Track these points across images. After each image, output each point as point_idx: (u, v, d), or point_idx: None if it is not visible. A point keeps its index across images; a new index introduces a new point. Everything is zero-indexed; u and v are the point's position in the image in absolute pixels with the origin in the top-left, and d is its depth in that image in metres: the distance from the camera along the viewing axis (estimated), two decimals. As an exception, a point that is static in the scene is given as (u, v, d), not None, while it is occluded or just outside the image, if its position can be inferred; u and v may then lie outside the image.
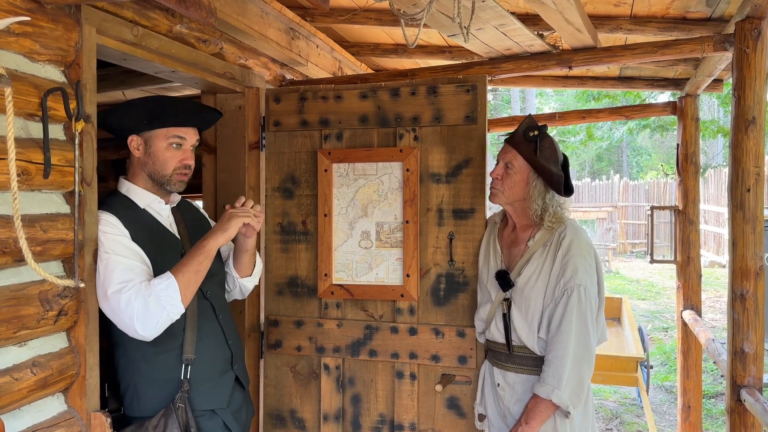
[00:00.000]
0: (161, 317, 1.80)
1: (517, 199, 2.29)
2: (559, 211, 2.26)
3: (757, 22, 2.45)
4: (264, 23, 2.66)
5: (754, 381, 2.48)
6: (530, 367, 2.23)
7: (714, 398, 5.93)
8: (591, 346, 2.14)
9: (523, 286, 2.23)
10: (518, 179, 2.26)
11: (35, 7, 1.59)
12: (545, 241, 2.25)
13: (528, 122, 2.29)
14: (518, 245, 2.32)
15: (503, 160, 2.29)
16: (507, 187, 2.28)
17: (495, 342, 2.32)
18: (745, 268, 2.52)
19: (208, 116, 2.16)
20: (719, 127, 9.79)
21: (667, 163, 20.55)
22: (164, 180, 2.00)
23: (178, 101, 2.10)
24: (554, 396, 2.08)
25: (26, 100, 1.57)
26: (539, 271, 2.22)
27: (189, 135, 2.03)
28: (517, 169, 2.26)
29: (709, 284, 10.78)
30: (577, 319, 2.12)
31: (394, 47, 3.84)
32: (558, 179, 2.23)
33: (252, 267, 2.26)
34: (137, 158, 2.01)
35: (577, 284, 2.14)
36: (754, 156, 2.50)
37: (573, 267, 2.16)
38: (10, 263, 1.55)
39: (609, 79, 4.33)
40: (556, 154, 2.26)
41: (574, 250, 2.18)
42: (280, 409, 2.74)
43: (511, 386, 2.26)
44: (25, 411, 1.64)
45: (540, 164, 2.22)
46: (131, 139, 1.99)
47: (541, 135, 2.24)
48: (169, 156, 1.99)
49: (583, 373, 2.12)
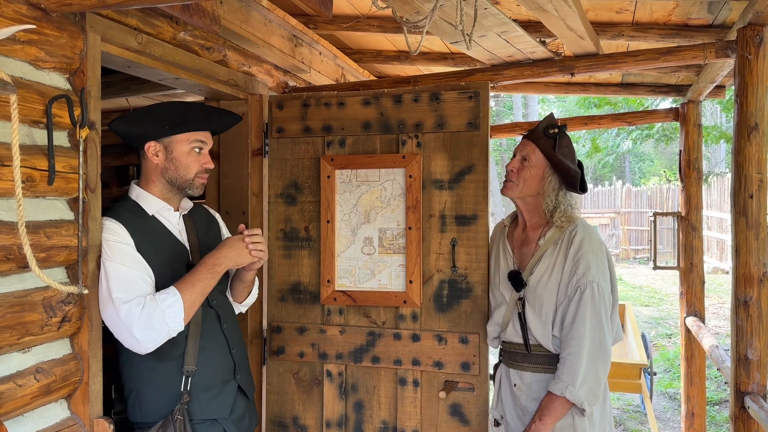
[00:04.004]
0: (162, 332, 1.81)
1: (531, 194, 2.29)
2: (569, 210, 2.26)
3: (759, 29, 2.45)
4: (267, 31, 2.67)
5: (758, 388, 2.48)
6: (546, 366, 2.22)
7: (718, 405, 5.90)
8: (606, 343, 2.12)
9: (536, 285, 2.23)
10: (534, 173, 2.26)
11: (40, 15, 1.60)
12: (556, 240, 2.24)
13: (549, 120, 2.30)
14: (529, 244, 2.32)
15: (520, 153, 2.30)
16: (522, 181, 2.28)
17: (511, 343, 2.32)
18: (748, 275, 2.51)
19: (228, 119, 2.17)
20: (721, 133, 9.79)
21: (669, 169, 20.54)
22: (186, 184, 2.00)
23: (198, 106, 2.11)
24: (568, 393, 2.07)
25: (31, 108, 1.58)
26: (551, 269, 2.22)
27: (208, 139, 2.04)
28: (533, 162, 2.27)
29: (713, 290, 10.74)
30: (591, 315, 2.11)
31: (397, 54, 3.85)
32: (575, 174, 2.23)
33: (246, 295, 2.28)
34: (155, 164, 1.98)
35: (589, 281, 2.13)
36: (756, 162, 2.50)
37: (585, 264, 2.15)
38: (14, 270, 1.55)
39: (611, 85, 4.34)
40: (573, 153, 2.28)
41: (586, 247, 2.18)
42: (283, 416, 2.73)
43: (528, 385, 2.26)
44: (28, 417, 1.64)
45: (558, 160, 2.23)
46: (149, 146, 1.96)
47: (560, 133, 2.25)
48: (192, 160, 1.99)
49: (599, 371, 2.10)
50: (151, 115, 1.98)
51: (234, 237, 2.02)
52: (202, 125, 2.01)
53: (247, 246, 1.99)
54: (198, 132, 1.99)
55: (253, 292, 2.33)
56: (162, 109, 2.00)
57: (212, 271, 1.92)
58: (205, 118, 2.05)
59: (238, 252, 1.98)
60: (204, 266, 1.92)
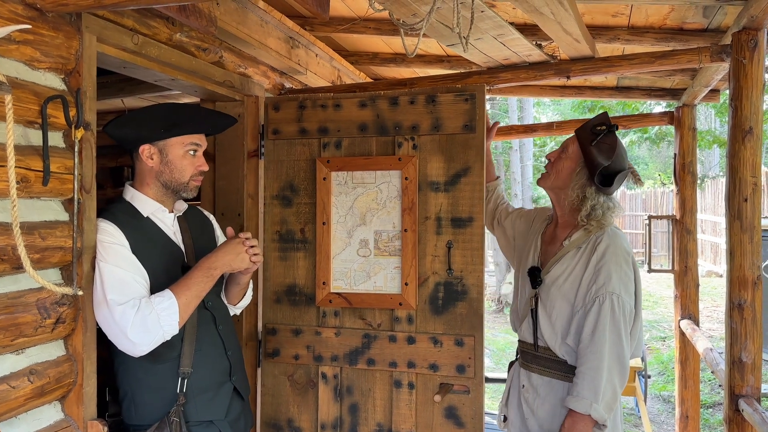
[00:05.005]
0: (157, 335, 1.80)
1: (561, 186, 2.26)
2: (600, 214, 2.16)
3: (754, 33, 2.46)
4: (264, 32, 2.67)
5: (752, 391, 2.48)
6: (552, 370, 2.19)
7: (712, 408, 5.92)
8: (624, 359, 2.06)
9: (550, 285, 2.19)
10: (567, 165, 2.24)
11: (36, 15, 1.59)
12: (580, 243, 2.18)
13: (600, 117, 2.26)
14: (555, 243, 2.29)
15: (563, 145, 2.29)
16: (555, 171, 2.27)
17: (524, 341, 2.31)
18: (742, 278, 2.52)
19: (223, 121, 2.17)
20: (715, 137, 9.84)
21: (664, 172, 20.61)
22: (181, 187, 2.00)
23: (192, 108, 2.10)
24: (593, 411, 2.00)
25: (26, 108, 1.58)
26: (569, 273, 2.16)
27: (203, 141, 2.04)
28: (569, 154, 2.25)
29: (707, 294, 10.78)
30: (610, 329, 2.04)
31: (393, 56, 3.86)
32: (597, 165, 2.14)
33: (240, 298, 2.27)
34: (150, 167, 1.97)
35: (609, 292, 2.05)
36: (751, 166, 2.51)
37: (606, 273, 2.07)
38: (8, 270, 1.54)
39: (606, 89, 4.35)
40: (614, 153, 2.17)
41: (609, 256, 2.10)
42: (278, 418, 2.72)
43: (534, 388, 2.24)
44: (21, 419, 1.64)
45: (589, 151, 2.16)
46: (143, 149, 1.95)
47: (607, 131, 2.19)
48: (187, 163, 1.99)
49: (616, 386, 2.05)
50: (145, 118, 1.97)
51: (231, 241, 2.01)
52: (197, 128, 2.00)
53: (246, 251, 1.99)
54: (193, 135, 1.99)
55: (248, 294, 2.32)
56: (156, 111, 1.99)
57: (208, 275, 1.92)
58: (199, 120, 2.04)
59: (234, 256, 1.98)
60: (200, 270, 1.92)
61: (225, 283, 2.23)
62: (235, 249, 1.98)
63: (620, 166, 2.21)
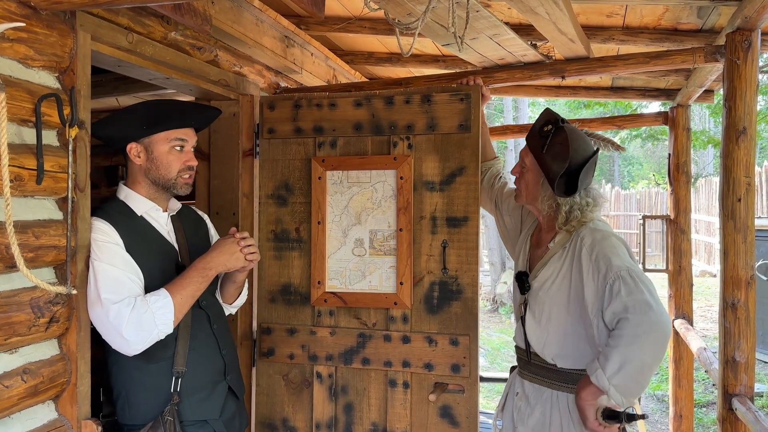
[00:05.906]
0: (152, 334, 1.80)
1: (533, 199, 2.19)
2: (578, 215, 2.07)
3: (748, 34, 2.48)
4: (259, 31, 2.67)
5: (746, 390, 2.49)
6: (542, 377, 2.14)
7: (705, 407, 5.95)
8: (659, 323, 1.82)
9: (538, 290, 2.14)
10: (530, 177, 2.17)
11: (30, 13, 1.59)
12: (565, 243, 2.11)
13: (544, 116, 2.15)
14: (541, 246, 2.24)
15: (520, 157, 2.22)
16: (523, 186, 2.20)
17: (518, 347, 2.28)
18: (736, 278, 2.53)
19: (207, 115, 2.15)
20: (709, 138, 9.88)
21: (658, 172, 20.66)
22: (170, 184, 1.99)
23: (175, 103, 2.08)
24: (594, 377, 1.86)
25: (20, 106, 1.57)
26: (556, 275, 2.10)
27: (189, 136, 2.02)
28: (528, 166, 2.18)
29: (700, 293, 10.82)
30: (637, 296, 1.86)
31: (389, 56, 3.86)
32: (553, 176, 2.04)
33: (236, 297, 2.27)
34: (138, 166, 1.97)
35: (615, 273, 1.92)
36: (744, 166, 2.52)
37: (604, 259, 1.96)
38: (1, 270, 1.54)
39: (601, 89, 4.37)
40: (568, 150, 2.04)
41: (597, 245, 2.00)
42: (272, 417, 2.72)
43: (526, 396, 2.20)
44: (15, 419, 1.63)
45: (543, 160, 2.08)
46: (130, 147, 1.95)
47: (555, 130, 2.08)
48: (173, 159, 1.98)
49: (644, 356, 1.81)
50: (129, 116, 1.97)
51: (226, 240, 2.01)
52: (179, 123, 1.99)
53: (241, 250, 1.99)
54: (176, 130, 1.98)
55: (243, 293, 2.32)
56: (139, 109, 1.99)
57: (203, 275, 1.92)
58: (183, 115, 2.02)
59: (229, 256, 1.98)
60: (195, 270, 1.92)
61: (221, 281, 2.23)
62: (230, 248, 1.98)
63: (582, 158, 2.07)
